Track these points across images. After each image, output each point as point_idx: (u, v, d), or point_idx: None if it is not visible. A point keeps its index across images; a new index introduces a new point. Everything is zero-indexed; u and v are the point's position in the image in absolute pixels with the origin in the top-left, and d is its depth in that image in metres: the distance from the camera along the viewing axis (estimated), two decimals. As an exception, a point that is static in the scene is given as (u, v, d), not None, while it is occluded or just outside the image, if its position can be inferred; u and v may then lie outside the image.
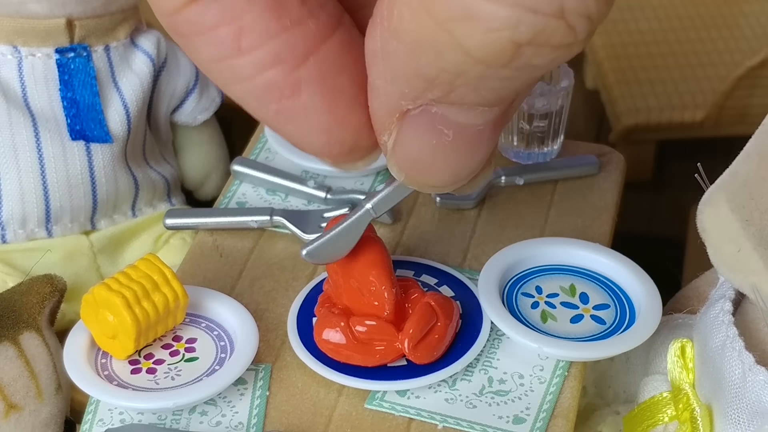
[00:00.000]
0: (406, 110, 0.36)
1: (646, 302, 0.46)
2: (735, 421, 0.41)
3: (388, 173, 0.54)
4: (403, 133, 0.37)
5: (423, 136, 0.37)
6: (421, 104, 0.36)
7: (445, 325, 0.44)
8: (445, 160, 0.38)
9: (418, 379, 0.43)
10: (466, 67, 0.33)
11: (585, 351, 0.44)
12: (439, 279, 0.48)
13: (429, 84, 0.35)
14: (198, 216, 0.52)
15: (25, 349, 0.48)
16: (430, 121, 0.36)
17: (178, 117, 0.62)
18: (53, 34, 0.56)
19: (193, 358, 0.45)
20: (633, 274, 0.47)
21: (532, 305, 0.46)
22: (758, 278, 0.40)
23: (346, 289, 0.44)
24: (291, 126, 0.37)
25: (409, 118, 0.37)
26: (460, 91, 0.35)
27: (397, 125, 0.37)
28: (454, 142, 0.37)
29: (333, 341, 0.44)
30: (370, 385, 0.43)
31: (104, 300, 0.43)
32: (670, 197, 0.75)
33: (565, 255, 0.48)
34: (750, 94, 0.73)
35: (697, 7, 0.83)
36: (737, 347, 0.41)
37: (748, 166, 0.40)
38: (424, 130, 0.37)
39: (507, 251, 0.48)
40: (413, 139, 0.37)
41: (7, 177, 0.56)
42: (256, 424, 0.43)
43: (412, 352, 0.43)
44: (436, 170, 0.38)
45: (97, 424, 0.43)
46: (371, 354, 0.44)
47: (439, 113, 0.36)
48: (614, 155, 0.55)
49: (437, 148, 0.37)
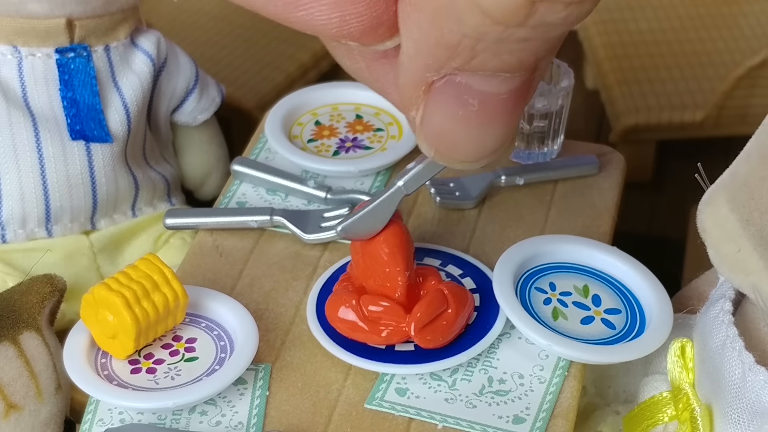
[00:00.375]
0: (431, 82, 0.37)
1: (658, 313, 0.45)
2: (735, 421, 0.41)
3: (387, 174, 0.54)
4: (430, 106, 0.38)
5: (449, 107, 0.37)
6: (445, 74, 0.36)
7: (456, 313, 0.44)
8: (472, 132, 0.38)
9: (422, 365, 0.44)
10: (485, 29, 0.34)
11: (594, 354, 0.44)
12: (464, 270, 0.48)
13: (451, 52, 0.35)
14: (198, 216, 0.52)
15: (24, 349, 0.48)
16: (455, 92, 0.37)
17: (178, 117, 0.62)
18: (53, 34, 0.56)
19: (193, 357, 0.45)
20: (648, 282, 0.47)
21: (545, 301, 0.46)
22: (758, 278, 0.40)
23: (363, 268, 0.45)
24: (302, 11, 0.37)
25: (434, 91, 0.37)
26: (482, 57, 0.35)
27: (423, 99, 0.38)
28: (479, 112, 0.38)
29: (343, 317, 0.44)
30: (375, 366, 0.44)
31: (104, 300, 0.43)
32: (670, 197, 0.75)
33: (581, 255, 0.48)
34: (750, 94, 0.73)
35: (697, 7, 0.83)
36: (737, 347, 0.41)
37: (748, 166, 0.40)
38: (449, 100, 0.37)
39: (525, 244, 0.48)
40: (440, 111, 0.38)
41: (7, 177, 0.56)
42: (256, 424, 0.43)
43: (418, 335, 0.44)
44: (463, 143, 0.39)
45: (97, 423, 0.43)
46: (378, 333, 0.44)
47: (463, 82, 0.37)
48: (614, 155, 0.55)
49: (463, 119, 0.38)
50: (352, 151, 0.54)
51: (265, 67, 0.76)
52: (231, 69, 0.76)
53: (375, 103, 0.57)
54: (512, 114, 0.39)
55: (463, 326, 0.45)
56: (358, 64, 0.39)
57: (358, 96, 0.57)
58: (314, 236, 0.50)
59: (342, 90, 0.57)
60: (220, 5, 0.81)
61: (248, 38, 0.79)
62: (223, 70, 0.75)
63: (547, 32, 0.34)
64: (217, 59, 0.76)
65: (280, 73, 0.75)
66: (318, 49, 0.78)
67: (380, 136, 0.55)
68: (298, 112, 0.57)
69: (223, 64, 0.76)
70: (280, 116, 0.56)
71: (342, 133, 0.56)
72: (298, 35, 0.78)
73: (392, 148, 0.54)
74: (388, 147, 0.54)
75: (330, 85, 0.58)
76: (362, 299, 0.44)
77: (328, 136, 0.56)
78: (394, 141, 0.54)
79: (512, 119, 0.39)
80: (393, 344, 0.45)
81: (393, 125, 0.56)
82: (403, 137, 0.55)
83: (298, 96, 0.57)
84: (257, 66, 0.76)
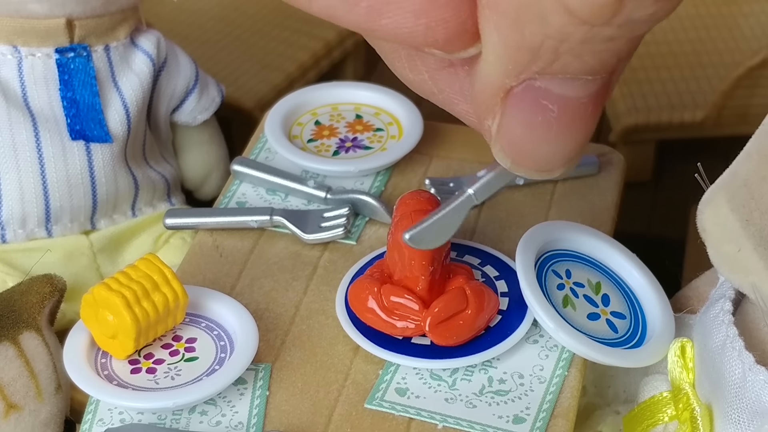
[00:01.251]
0: (510, 88, 0.36)
1: (660, 332, 0.45)
2: (735, 421, 0.41)
3: (387, 174, 0.54)
4: (508, 113, 0.36)
5: (528, 113, 0.36)
6: (524, 79, 0.35)
7: (475, 314, 0.44)
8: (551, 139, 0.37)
9: (436, 360, 0.44)
10: (570, 29, 0.33)
11: (595, 351, 0.44)
12: (500, 273, 0.48)
13: (533, 55, 0.34)
14: (198, 216, 0.52)
15: (24, 349, 0.48)
16: (534, 97, 0.36)
17: (178, 117, 0.62)
18: (53, 34, 0.56)
19: (193, 357, 0.45)
20: (658, 299, 0.47)
21: (558, 286, 0.46)
22: (758, 278, 0.40)
23: (392, 258, 0.45)
24: (386, 19, 0.36)
25: (512, 97, 0.36)
26: (564, 59, 0.35)
27: (501, 106, 0.36)
28: (559, 117, 0.37)
29: (364, 304, 0.45)
30: (390, 356, 0.44)
31: (104, 300, 0.43)
32: (670, 197, 0.75)
33: (601, 252, 0.48)
34: (750, 94, 0.73)
35: (697, 7, 0.83)
36: (737, 347, 0.41)
37: (748, 166, 0.40)
38: (528, 107, 0.36)
39: (553, 225, 0.48)
40: (518, 118, 0.37)
41: (7, 177, 0.56)
42: (256, 424, 0.43)
43: (432, 330, 0.44)
44: (541, 151, 0.38)
45: (97, 423, 0.43)
46: (394, 324, 0.45)
47: (542, 87, 0.36)
48: (614, 155, 0.55)
49: (542, 126, 0.37)
50: (352, 151, 0.54)
51: (265, 67, 0.76)
52: (231, 69, 0.76)
53: (375, 103, 0.57)
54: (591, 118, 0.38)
55: (483, 328, 0.45)
56: (421, 75, 0.37)
57: (358, 96, 0.57)
58: (314, 236, 0.50)
59: (342, 90, 0.57)
60: (220, 5, 0.81)
61: (248, 38, 0.79)
62: (223, 70, 0.75)
63: (633, 31, 0.33)
64: (217, 59, 0.76)
65: (279, 74, 0.75)
66: (318, 50, 0.78)
67: (380, 136, 0.55)
68: (298, 112, 0.57)
69: (223, 64, 0.76)
70: (280, 116, 0.56)
71: (342, 133, 0.56)
72: (298, 36, 0.78)
73: (392, 148, 0.54)
74: (388, 147, 0.54)
75: (330, 85, 0.58)
76: (383, 288, 0.45)
77: (328, 136, 0.56)
78: (394, 141, 0.54)
79: (591, 124, 0.38)
80: (409, 336, 0.45)
81: (393, 125, 0.56)
82: (403, 137, 0.55)
83: (298, 96, 0.57)
84: (257, 66, 0.76)
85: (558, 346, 0.45)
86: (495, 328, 0.45)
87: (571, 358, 0.45)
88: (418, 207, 0.44)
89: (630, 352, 0.45)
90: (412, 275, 0.44)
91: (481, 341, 0.45)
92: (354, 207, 0.51)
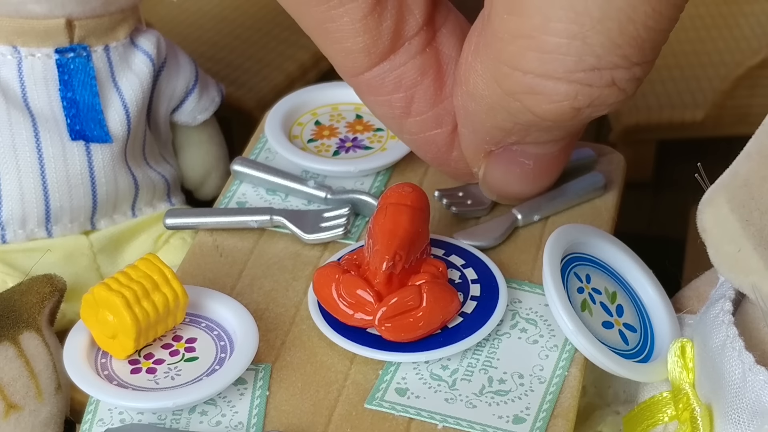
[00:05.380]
0: (490, 150, 0.44)
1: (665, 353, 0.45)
2: (735, 421, 0.41)
3: (387, 174, 0.54)
4: (490, 167, 0.44)
5: (507, 168, 0.44)
6: (502, 146, 0.43)
7: (427, 315, 0.44)
8: (528, 182, 0.46)
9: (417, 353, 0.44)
10: (537, 122, 0.40)
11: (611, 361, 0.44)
12: (467, 261, 0.48)
13: (506, 133, 0.42)
14: (198, 216, 0.52)
15: (24, 349, 0.48)
16: (512, 156, 0.44)
17: (177, 117, 0.62)
18: (53, 34, 0.56)
19: (193, 357, 0.45)
20: (668, 318, 0.47)
21: (578, 290, 0.46)
22: (758, 278, 0.40)
23: (365, 248, 0.46)
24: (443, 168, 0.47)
25: (493, 156, 0.44)
26: (535, 135, 0.42)
27: (484, 161, 0.44)
28: (534, 168, 0.45)
29: (325, 291, 0.45)
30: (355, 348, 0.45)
31: (104, 300, 0.43)
32: (670, 197, 0.75)
33: (620, 263, 0.48)
34: (750, 94, 0.73)
35: (697, 7, 0.83)
36: (737, 347, 0.41)
37: (749, 166, 0.40)
38: (507, 163, 0.44)
39: (583, 228, 0.48)
40: (499, 171, 0.45)
41: (7, 177, 0.56)
42: (256, 424, 0.43)
43: (380, 324, 0.44)
44: (521, 191, 0.47)
45: (97, 423, 0.43)
46: (350, 314, 0.45)
47: (518, 149, 0.43)
48: (614, 155, 0.55)
49: (520, 175, 0.45)
50: (352, 151, 0.54)
51: (265, 67, 0.76)
52: (231, 69, 0.76)
53: (375, 103, 0.57)
54: (563, 162, 0.47)
55: (437, 328, 0.45)
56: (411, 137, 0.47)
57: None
58: (314, 236, 0.50)
59: (342, 90, 0.57)
60: (220, 5, 0.81)
61: (248, 38, 0.79)
62: (223, 70, 0.75)
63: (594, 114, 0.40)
64: (217, 59, 0.76)
65: (280, 73, 0.75)
66: (318, 50, 0.77)
67: (380, 136, 0.55)
68: (298, 112, 0.57)
69: (223, 64, 0.76)
70: (280, 116, 0.56)
71: (342, 133, 0.56)
72: (298, 35, 0.78)
73: (392, 148, 0.54)
74: (388, 147, 0.54)
75: (330, 85, 0.58)
76: (344, 277, 0.45)
77: (328, 136, 0.56)
78: (394, 141, 0.54)
79: (562, 165, 0.47)
80: (364, 327, 0.45)
81: (393, 125, 0.56)
82: (403, 137, 0.55)
83: (298, 96, 0.57)
84: (257, 66, 0.76)
85: (558, 346, 0.45)
86: (472, 315, 0.45)
87: (572, 358, 0.45)
88: (398, 201, 0.45)
89: (640, 366, 0.45)
90: (373, 266, 0.44)
91: (461, 330, 0.45)
92: (354, 207, 0.51)
